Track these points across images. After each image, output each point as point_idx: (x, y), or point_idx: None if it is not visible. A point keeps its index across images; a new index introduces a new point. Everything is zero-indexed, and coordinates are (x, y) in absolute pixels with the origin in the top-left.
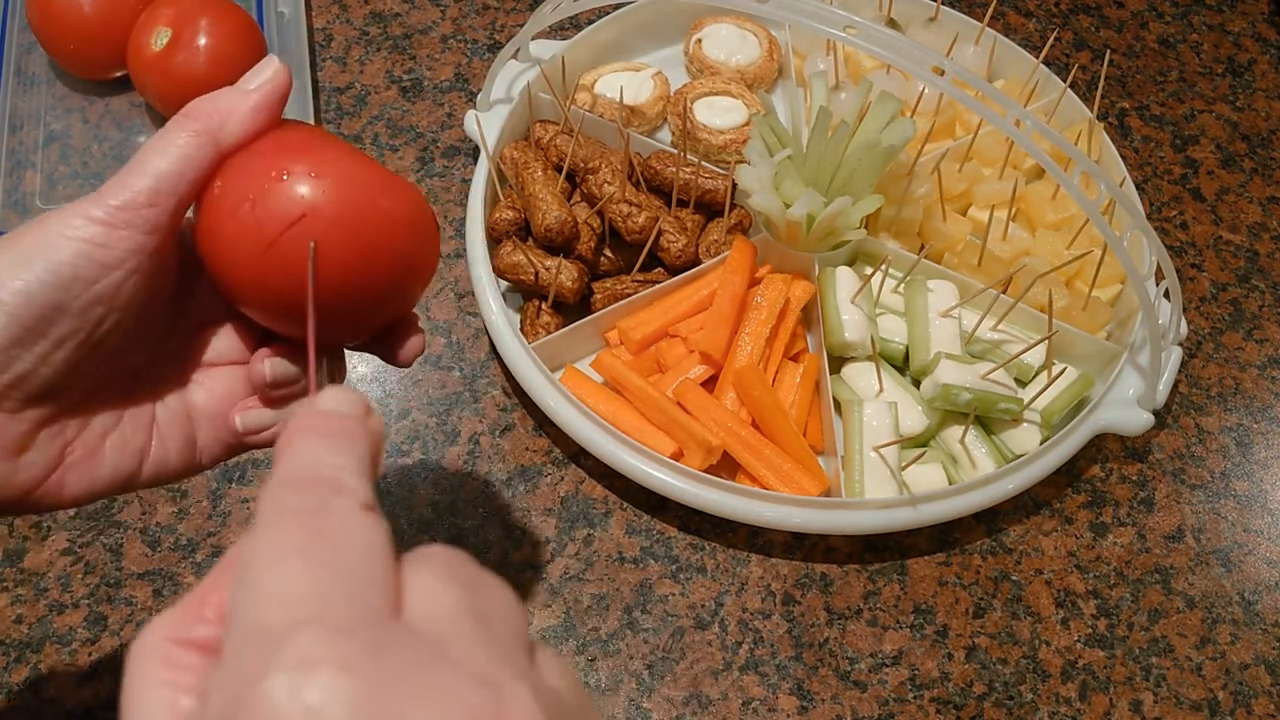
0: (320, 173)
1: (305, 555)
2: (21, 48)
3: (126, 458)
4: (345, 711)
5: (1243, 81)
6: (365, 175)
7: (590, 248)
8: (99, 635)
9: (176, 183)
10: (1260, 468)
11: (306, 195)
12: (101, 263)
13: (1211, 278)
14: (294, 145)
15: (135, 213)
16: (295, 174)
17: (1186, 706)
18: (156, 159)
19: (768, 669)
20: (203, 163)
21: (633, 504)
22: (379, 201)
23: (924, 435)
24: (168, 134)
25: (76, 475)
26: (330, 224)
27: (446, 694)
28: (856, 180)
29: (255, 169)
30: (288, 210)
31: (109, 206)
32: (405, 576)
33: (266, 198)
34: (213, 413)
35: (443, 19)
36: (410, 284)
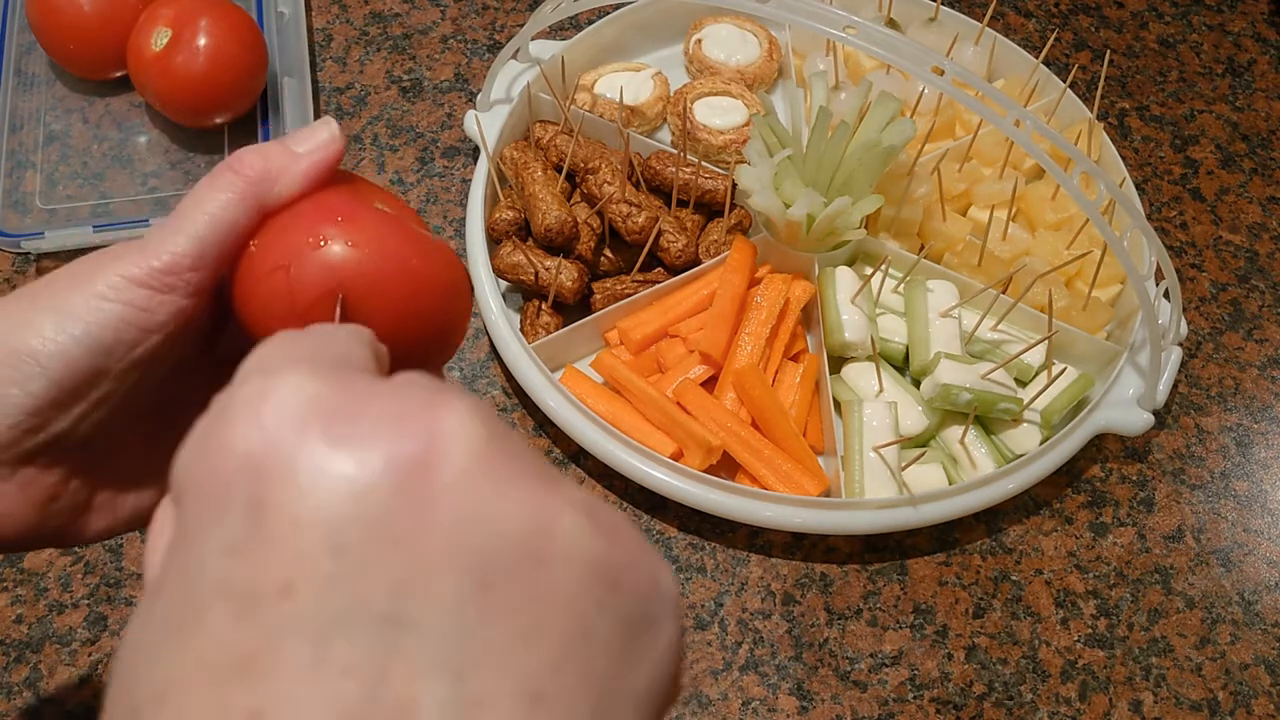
0: (356, 240)
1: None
2: (21, 48)
3: (146, 495)
4: (302, 409)
5: (1243, 81)
6: (400, 242)
7: (590, 248)
8: (99, 635)
9: (220, 247)
10: (1260, 468)
11: (340, 264)
12: (143, 327)
13: (1211, 278)
14: (333, 208)
15: (179, 277)
16: (331, 240)
17: (1186, 706)
18: (198, 217)
19: (768, 669)
20: (247, 225)
21: (632, 504)
22: (413, 267)
23: (924, 435)
24: (212, 189)
25: (99, 515)
26: (364, 294)
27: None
28: (856, 180)
29: (292, 233)
30: (321, 280)
31: (152, 269)
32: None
33: (301, 265)
34: None
35: (443, 19)
36: (443, 345)
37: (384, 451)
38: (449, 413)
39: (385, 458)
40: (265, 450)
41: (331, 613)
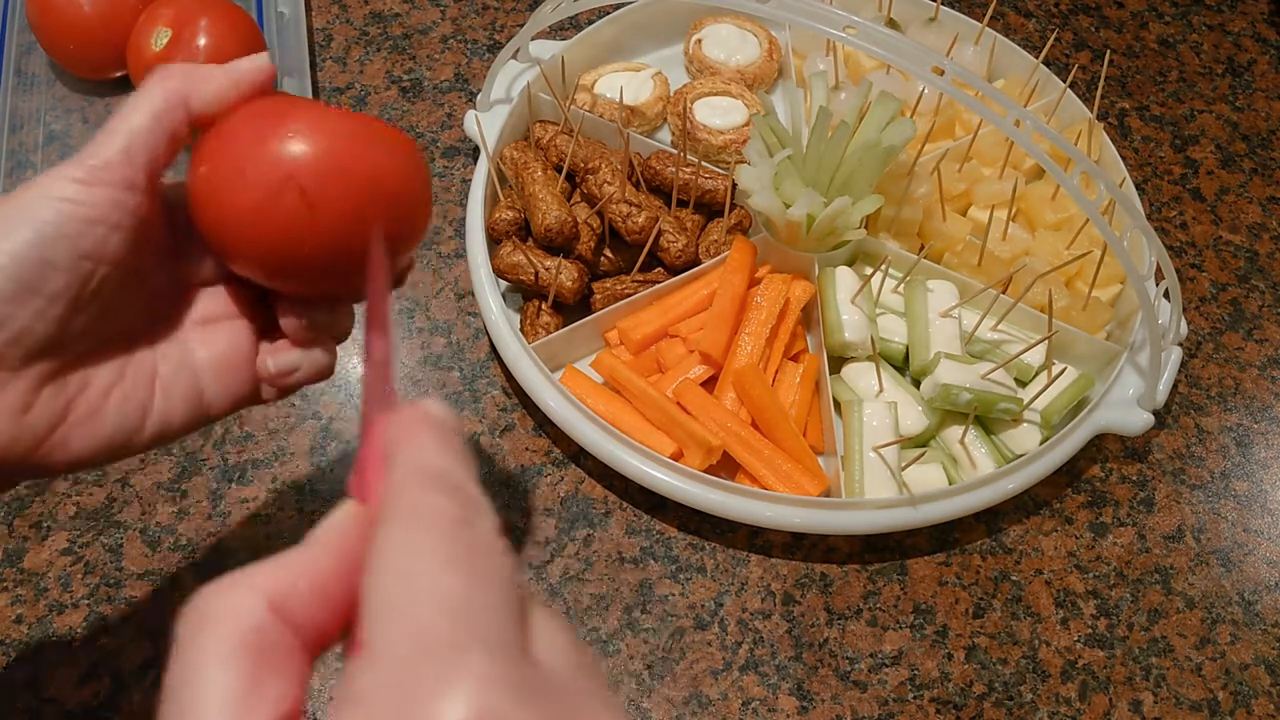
0: (304, 130)
1: (465, 570)
2: (21, 48)
3: (129, 414)
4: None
5: (1243, 81)
6: (347, 126)
7: (590, 248)
8: (99, 635)
9: (147, 140)
10: (1260, 468)
11: (292, 152)
12: (84, 219)
13: (1211, 278)
14: (276, 109)
15: (111, 170)
16: (280, 134)
17: (1186, 706)
18: (130, 116)
19: (768, 669)
20: (173, 122)
21: (632, 504)
22: (364, 150)
23: (924, 435)
24: (140, 92)
25: (81, 432)
26: (319, 179)
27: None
28: (856, 180)
29: (240, 133)
30: (274, 169)
31: (87, 166)
32: (538, 612)
33: (253, 160)
34: (219, 367)
35: (443, 19)
36: (408, 230)
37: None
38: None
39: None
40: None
41: None
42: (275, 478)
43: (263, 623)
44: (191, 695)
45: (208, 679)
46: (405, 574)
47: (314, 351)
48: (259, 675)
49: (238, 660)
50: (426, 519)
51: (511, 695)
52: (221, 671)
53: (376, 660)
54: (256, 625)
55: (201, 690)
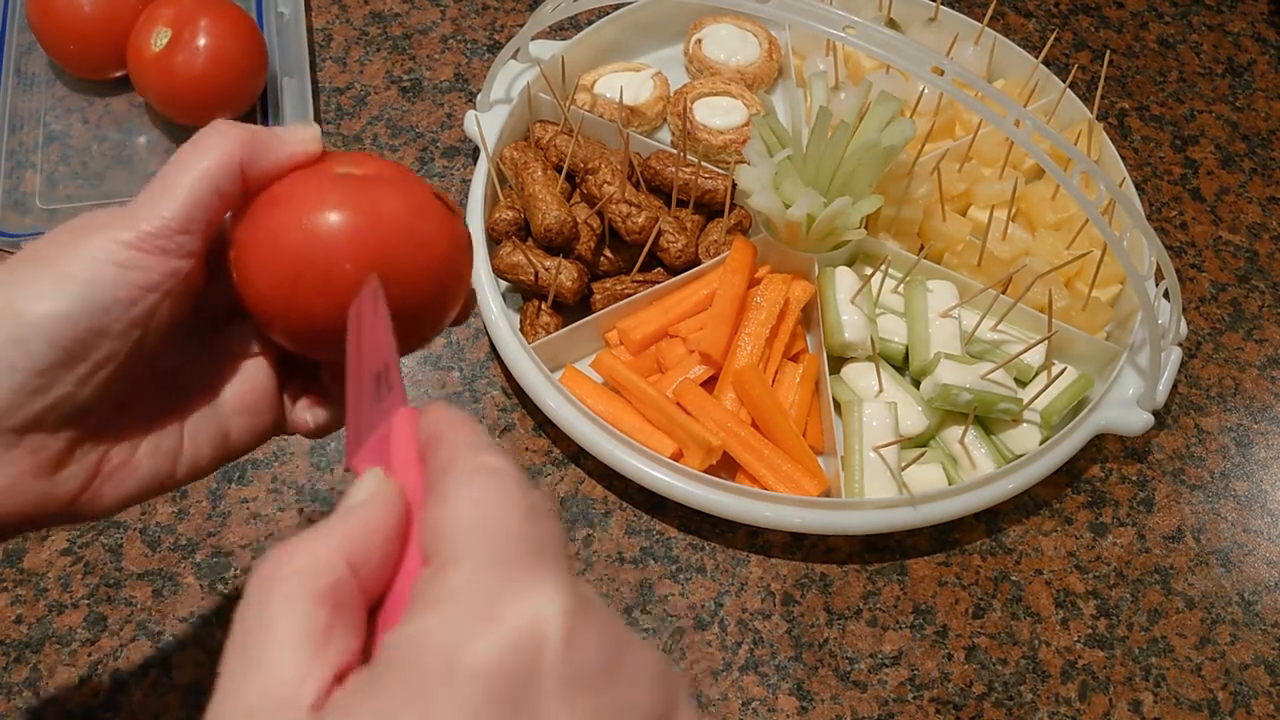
0: (354, 207)
1: (528, 508)
2: (21, 48)
3: (160, 461)
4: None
5: (1242, 81)
6: (398, 205)
7: (590, 248)
8: (99, 635)
9: (207, 209)
10: (1260, 468)
11: (327, 234)
12: (140, 286)
13: (1211, 278)
14: (318, 185)
15: (169, 240)
16: (315, 214)
17: (1186, 706)
18: (185, 175)
19: (768, 669)
20: (231, 189)
21: (632, 504)
22: (413, 229)
23: (924, 435)
24: (196, 152)
25: (113, 484)
26: (364, 259)
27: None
28: (856, 180)
29: (278, 208)
30: (308, 251)
31: (143, 233)
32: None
33: (288, 239)
34: (244, 406)
35: (443, 19)
36: (448, 300)
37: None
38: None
39: None
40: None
41: None
42: (275, 478)
43: (341, 579)
44: (264, 636)
45: (284, 623)
46: (478, 505)
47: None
48: (333, 626)
49: (316, 610)
50: (496, 471)
51: (583, 604)
52: (299, 618)
53: (460, 568)
54: (335, 581)
55: (275, 632)
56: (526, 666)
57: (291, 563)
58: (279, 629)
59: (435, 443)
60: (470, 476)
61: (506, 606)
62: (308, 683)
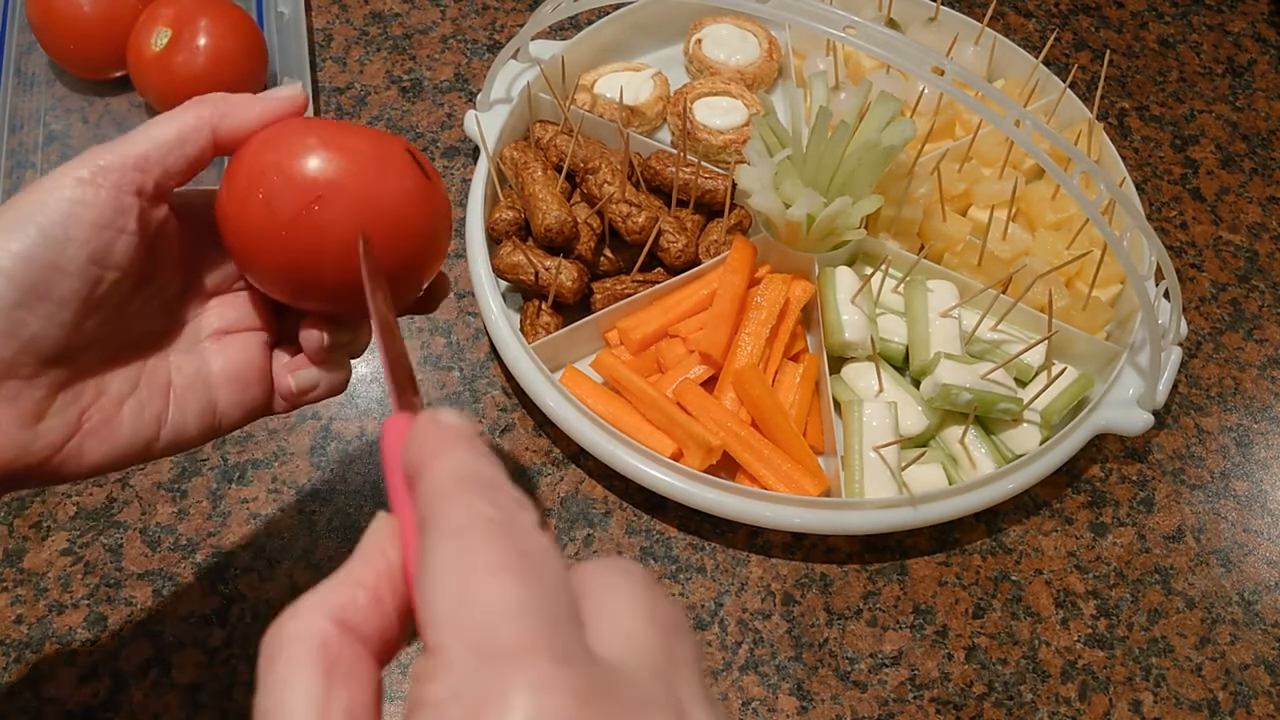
0: (321, 154)
1: (516, 573)
2: (21, 48)
3: (144, 424)
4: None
5: (1243, 81)
6: (366, 148)
7: (590, 248)
8: (99, 635)
9: (166, 152)
10: (1260, 468)
11: (319, 174)
12: (91, 222)
13: (1211, 278)
14: (297, 132)
15: (121, 174)
16: (298, 158)
17: (1186, 706)
18: (155, 127)
19: (768, 669)
20: (198, 141)
21: (632, 504)
22: (380, 174)
23: (924, 435)
24: (171, 112)
25: (95, 441)
26: (346, 202)
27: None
28: (856, 180)
29: (260, 157)
30: (301, 191)
31: (96, 166)
32: (599, 597)
33: (271, 184)
34: (232, 378)
35: (443, 19)
36: (430, 250)
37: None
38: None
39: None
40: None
41: None
42: (275, 478)
43: (329, 637)
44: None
45: (288, 694)
46: (457, 583)
47: (332, 368)
48: (331, 685)
49: (312, 673)
50: (469, 527)
51: (570, 698)
52: (300, 686)
53: (443, 668)
54: (324, 641)
55: (283, 704)
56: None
57: (284, 631)
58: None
59: (418, 477)
60: (449, 533)
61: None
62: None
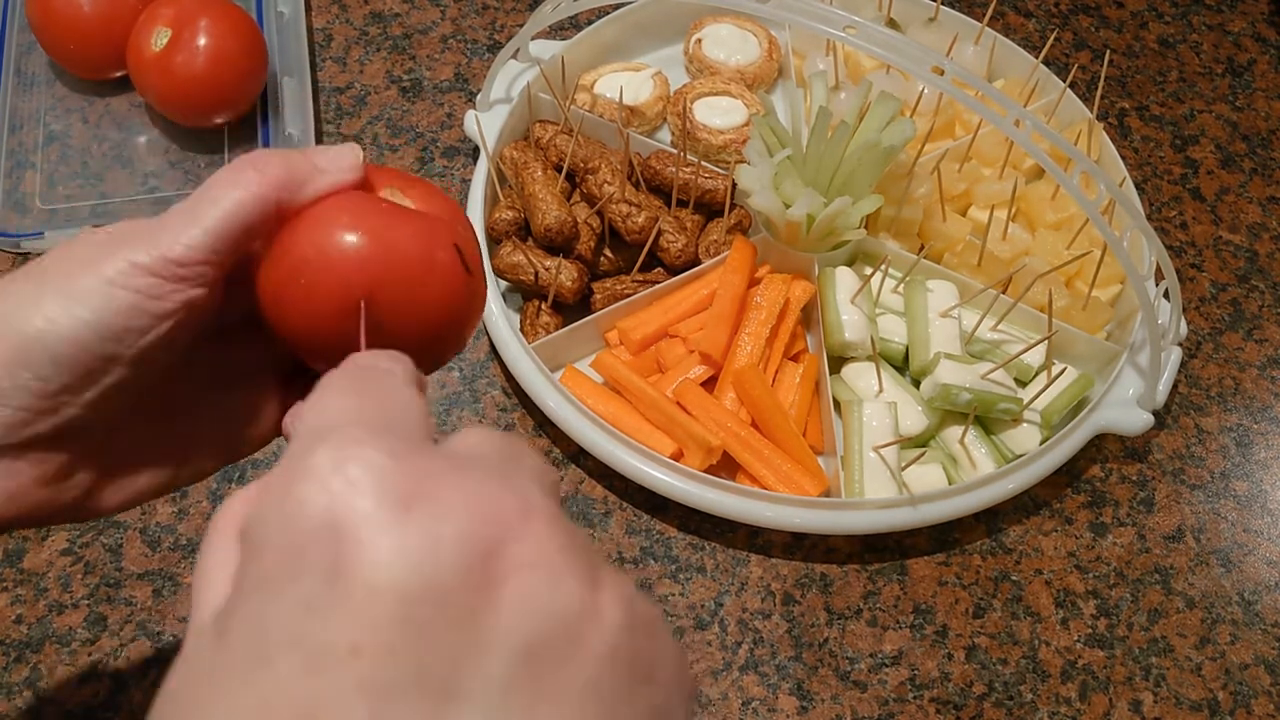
0: (379, 237)
1: (357, 393)
2: (21, 48)
3: (162, 469)
4: (380, 484)
5: (1243, 81)
6: (416, 240)
7: (590, 248)
8: (99, 635)
9: (233, 242)
10: (1260, 468)
11: (364, 261)
12: (154, 314)
13: (1211, 278)
14: (353, 210)
15: (190, 268)
16: (353, 249)
17: (1186, 706)
18: (213, 210)
19: (768, 669)
20: (262, 225)
21: (632, 504)
22: (434, 260)
23: (924, 435)
24: (230, 185)
25: (114, 488)
26: (385, 293)
27: (478, 489)
28: (856, 180)
29: (314, 233)
30: (343, 281)
31: (164, 259)
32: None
33: (311, 271)
34: (248, 416)
35: (443, 19)
36: (456, 339)
37: (456, 534)
38: (515, 502)
39: (456, 541)
40: (346, 519)
41: (393, 678)
42: None
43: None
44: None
45: (207, 561)
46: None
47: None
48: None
49: (224, 541)
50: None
51: (381, 447)
52: (217, 553)
53: (284, 455)
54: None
55: (204, 570)
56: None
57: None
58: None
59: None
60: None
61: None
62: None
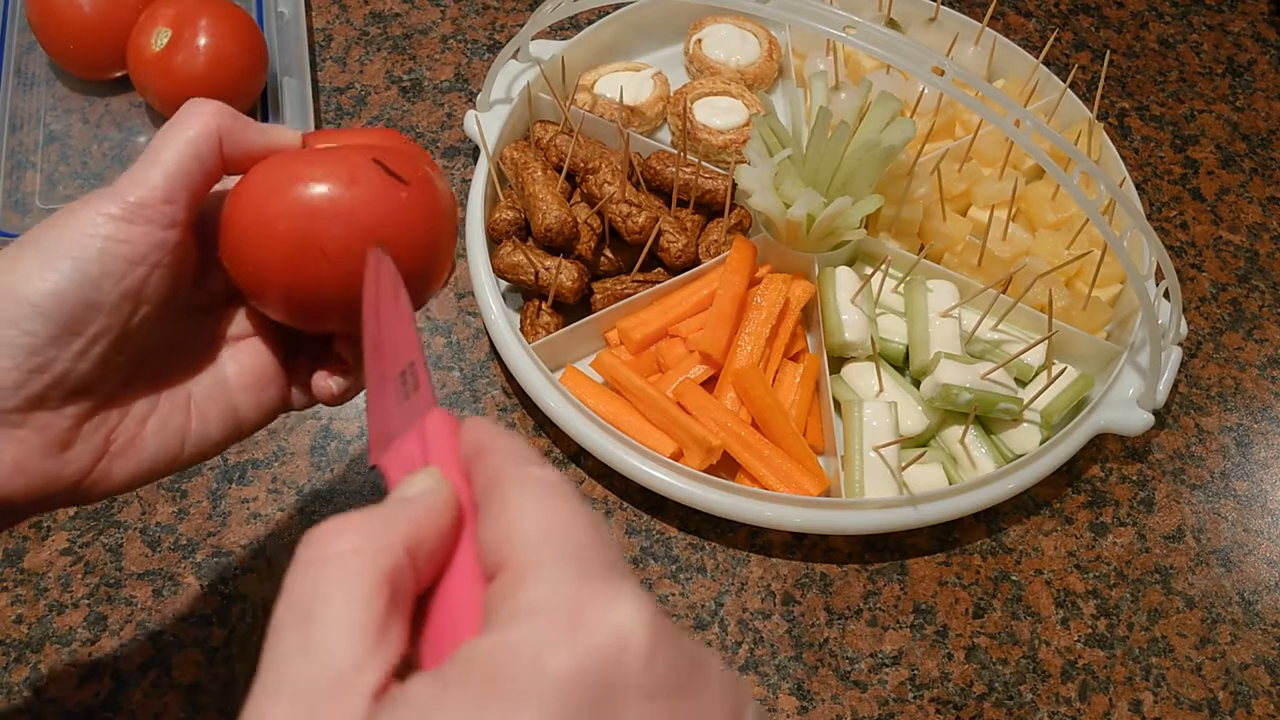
0: (345, 178)
1: (586, 516)
2: (21, 48)
3: (168, 439)
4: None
5: (1243, 81)
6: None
7: (590, 248)
8: (99, 635)
9: (187, 174)
10: (1260, 468)
11: (306, 206)
12: (127, 259)
13: (1211, 278)
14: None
15: (154, 209)
16: (294, 187)
17: (1186, 706)
18: (168, 147)
19: (768, 669)
20: (211, 155)
21: (632, 504)
22: (397, 198)
23: (924, 435)
24: (177, 126)
25: (122, 462)
26: (334, 232)
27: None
28: (856, 180)
29: (258, 186)
30: (287, 225)
31: (127, 203)
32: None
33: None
34: (250, 383)
35: (443, 19)
36: (430, 276)
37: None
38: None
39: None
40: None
41: None
42: (275, 478)
43: (401, 564)
44: (322, 616)
45: (342, 605)
46: (546, 516)
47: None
48: (390, 615)
49: (376, 596)
50: (547, 483)
51: (659, 618)
52: (359, 602)
53: (539, 581)
54: (395, 566)
55: (333, 616)
56: (610, 677)
57: (350, 539)
58: (337, 611)
59: (482, 453)
60: (529, 486)
61: (591, 618)
62: (366, 672)
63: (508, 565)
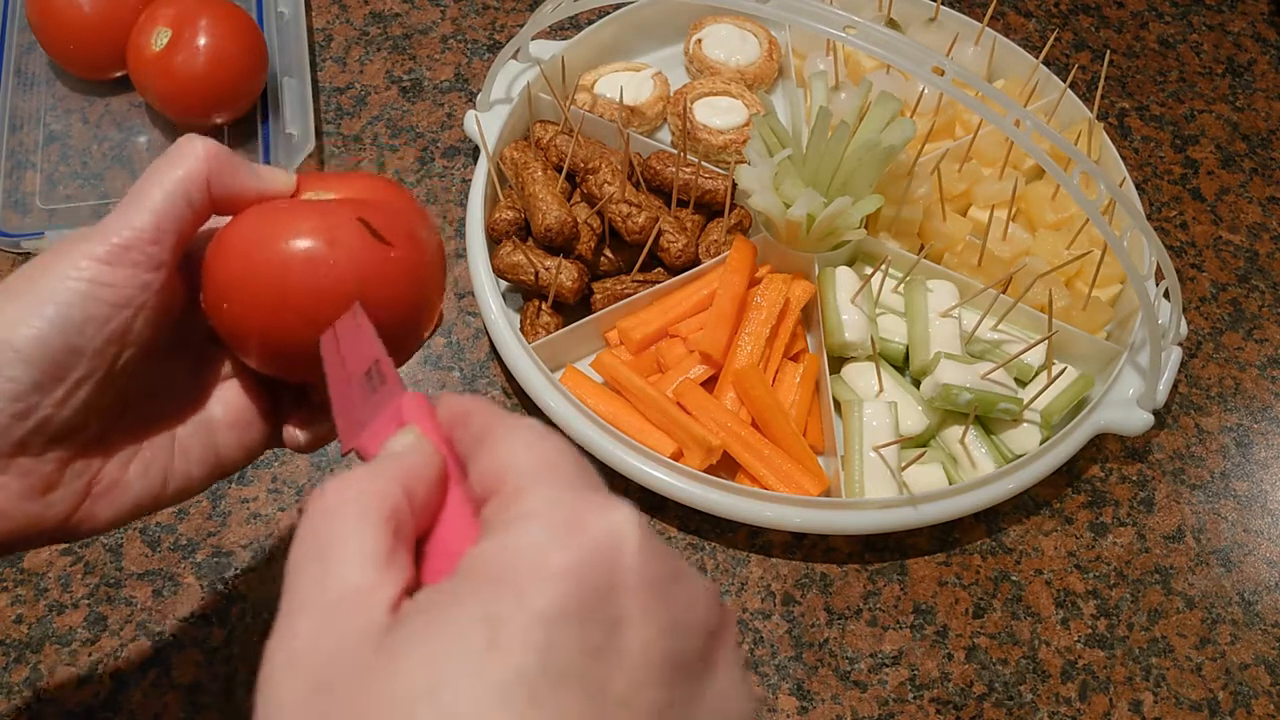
0: (328, 235)
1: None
2: (21, 48)
3: (151, 480)
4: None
5: (1243, 81)
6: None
7: (590, 248)
8: (99, 635)
9: (176, 221)
10: (1260, 468)
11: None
12: (111, 303)
13: (1211, 278)
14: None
15: (139, 251)
16: (303, 237)
17: (1186, 706)
18: (154, 193)
19: (768, 669)
20: (201, 201)
21: (632, 504)
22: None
23: (924, 435)
24: (164, 166)
25: (105, 503)
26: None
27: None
28: (856, 180)
29: (242, 238)
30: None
31: (112, 245)
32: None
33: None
34: (232, 422)
35: (443, 19)
36: (423, 317)
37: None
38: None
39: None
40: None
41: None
42: (275, 478)
43: (400, 505)
44: (338, 552)
45: (354, 539)
46: (535, 449)
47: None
48: (395, 548)
49: (381, 531)
50: (531, 426)
51: (647, 525)
52: (368, 536)
53: (535, 492)
54: (395, 506)
55: (347, 548)
56: (609, 570)
57: (353, 489)
58: (350, 544)
59: (466, 416)
60: (520, 431)
61: (589, 520)
62: (381, 589)
63: (502, 490)
